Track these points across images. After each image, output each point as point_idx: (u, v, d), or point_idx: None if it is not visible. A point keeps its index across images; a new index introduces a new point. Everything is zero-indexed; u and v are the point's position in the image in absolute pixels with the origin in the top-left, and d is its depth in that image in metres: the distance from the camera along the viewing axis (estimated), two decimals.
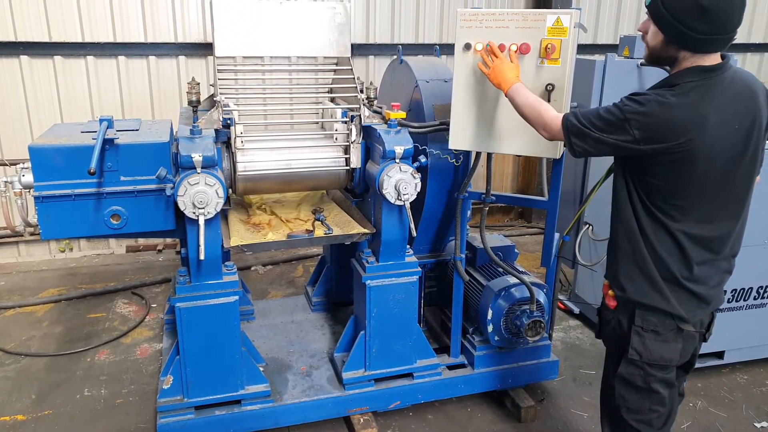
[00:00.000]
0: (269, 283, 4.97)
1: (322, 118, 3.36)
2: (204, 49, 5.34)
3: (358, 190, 3.25)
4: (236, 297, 2.84)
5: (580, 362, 3.92)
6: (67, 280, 5.04)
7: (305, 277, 5.05)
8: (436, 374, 3.28)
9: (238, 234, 3.03)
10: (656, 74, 4.01)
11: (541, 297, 3.15)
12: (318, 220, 3.25)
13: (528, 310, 3.10)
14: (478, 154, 3.01)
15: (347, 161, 3.11)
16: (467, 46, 2.68)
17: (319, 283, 4.07)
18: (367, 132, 3.06)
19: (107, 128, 2.59)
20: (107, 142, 2.57)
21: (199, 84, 3.07)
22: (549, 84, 2.57)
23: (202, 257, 2.58)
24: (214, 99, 3.08)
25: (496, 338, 3.24)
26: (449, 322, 3.65)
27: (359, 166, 3.10)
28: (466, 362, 3.41)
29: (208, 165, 2.60)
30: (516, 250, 3.51)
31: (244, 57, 3.17)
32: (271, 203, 3.53)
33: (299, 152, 3.07)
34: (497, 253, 3.29)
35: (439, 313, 3.80)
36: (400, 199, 2.83)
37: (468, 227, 3.41)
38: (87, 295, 4.74)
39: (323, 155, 3.11)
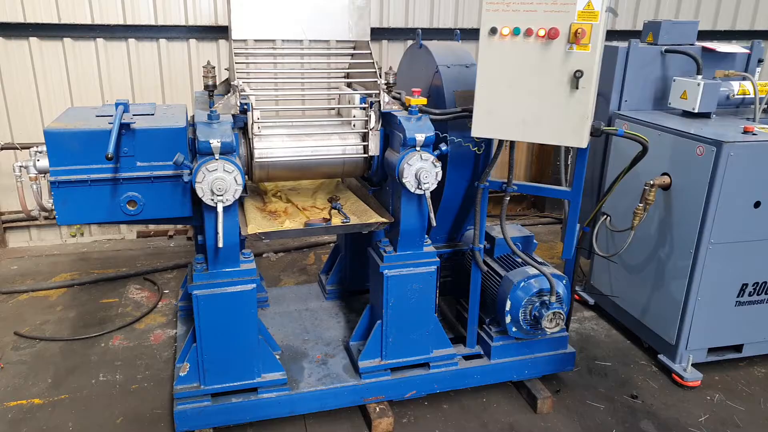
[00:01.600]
0: (281, 270, 4.95)
1: (339, 104, 3.29)
2: (215, 32, 5.25)
3: (375, 178, 3.20)
4: (254, 285, 2.81)
5: (596, 353, 3.88)
6: (79, 265, 5.03)
7: (317, 264, 5.02)
8: (452, 364, 3.26)
9: (255, 221, 2.99)
10: (681, 61, 3.92)
11: (561, 288, 3.10)
12: (335, 208, 3.21)
13: (548, 302, 3.06)
14: (500, 142, 2.94)
15: (365, 149, 3.05)
16: (493, 31, 2.60)
17: (333, 271, 4.04)
18: (387, 119, 3.00)
19: (123, 112, 2.54)
20: (124, 127, 2.52)
21: (214, 68, 3.02)
22: (578, 70, 2.50)
23: (220, 245, 2.54)
24: (230, 83, 3.02)
25: (514, 329, 3.20)
26: (465, 312, 3.63)
27: (377, 153, 3.05)
28: (482, 353, 3.38)
29: (227, 151, 2.56)
30: (535, 241, 3.46)
31: (261, 41, 3.09)
32: (287, 190, 3.49)
33: (317, 139, 3.01)
34: (516, 244, 3.24)
35: (454, 302, 3.76)
36: (420, 188, 2.78)
37: None
38: (99, 281, 4.74)
39: (341, 142, 3.05)
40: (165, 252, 5.34)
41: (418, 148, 2.80)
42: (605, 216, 4.04)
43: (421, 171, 2.74)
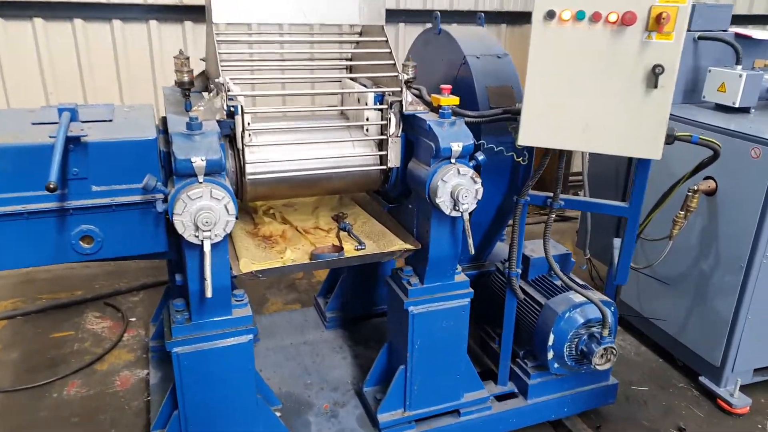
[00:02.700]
0: (267, 288, 4.33)
1: (349, 103, 2.70)
2: (179, 12, 4.51)
3: (393, 193, 2.64)
4: (250, 336, 2.23)
5: (630, 376, 3.47)
6: (23, 289, 4.26)
7: (307, 280, 4.43)
8: (486, 408, 2.77)
9: (248, 252, 2.40)
10: (715, 49, 3.51)
11: (610, 318, 2.65)
12: (344, 230, 2.64)
13: (598, 335, 2.60)
14: (547, 150, 2.43)
15: (383, 159, 2.49)
16: (550, 14, 2.07)
17: (333, 295, 3.47)
18: (410, 122, 2.43)
19: (70, 121, 1.90)
20: (71, 141, 1.88)
21: (189, 59, 2.39)
22: (657, 65, 2.00)
23: (209, 294, 1.95)
24: (210, 79, 2.39)
25: (556, 365, 2.73)
26: (491, 341, 3.15)
27: (398, 165, 2.49)
28: (516, 390, 2.91)
29: (214, 171, 1.95)
30: (572, 259, 2.98)
31: (249, 25, 2.46)
32: (281, 207, 2.89)
33: (323, 148, 2.43)
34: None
35: (477, 328, 3.27)
36: (457, 210, 2.24)
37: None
38: (49, 308, 4.01)
39: (353, 152, 2.47)
40: (129, 269, 4.62)
41: (453, 160, 2.26)
42: None
43: (458, 189, 2.20)
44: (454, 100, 2.36)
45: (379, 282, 3.51)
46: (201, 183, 1.91)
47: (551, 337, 2.66)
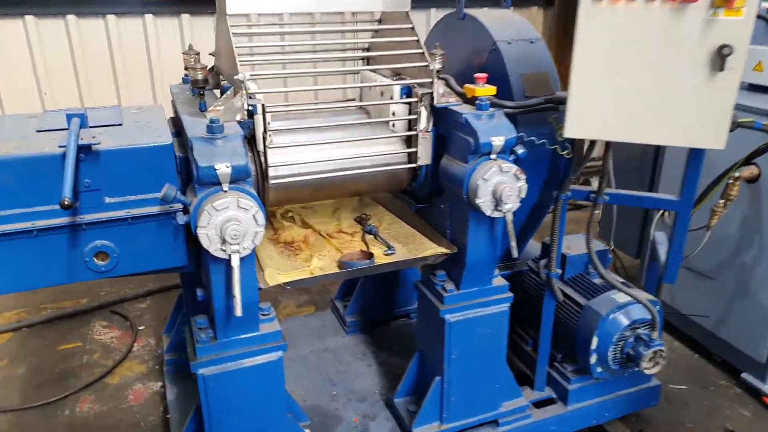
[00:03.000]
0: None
1: (362, 98, 2.52)
2: (175, 5, 4.29)
3: (421, 192, 2.47)
4: (280, 353, 2.06)
5: (667, 374, 3.31)
6: (26, 299, 4.07)
7: None
8: (525, 417, 2.62)
9: (272, 261, 2.23)
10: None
11: (659, 317, 2.50)
12: (369, 233, 2.48)
13: (647, 337, 2.45)
14: (593, 142, 2.26)
15: (411, 157, 2.31)
16: None
17: (353, 298, 3.31)
18: (441, 116, 2.25)
19: (79, 128, 1.71)
20: (82, 150, 1.70)
21: (198, 54, 2.20)
22: (724, 45, 1.82)
23: (239, 313, 1.77)
24: (234, 77, 2.20)
25: (600, 369, 2.58)
26: (523, 344, 3.00)
27: (429, 162, 2.31)
28: (554, 396, 2.76)
29: (240, 178, 1.77)
30: (609, 255, 2.83)
31: (261, 15, 2.27)
32: (300, 209, 2.71)
33: (348, 148, 2.24)
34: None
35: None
36: (500, 210, 2.07)
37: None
38: (54, 319, 3.83)
39: (380, 149, 2.29)
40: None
41: (493, 156, 2.08)
42: (661, 212, 3.45)
43: (501, 187, 2.03)
44: (491, 90, 2.18)
45: (400, 284, 3.35)
46: (226, 192, 1.73)
47: (594, 340, 2.50)
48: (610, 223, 3.19)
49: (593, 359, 2.55)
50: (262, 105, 1.96)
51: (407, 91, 2.31)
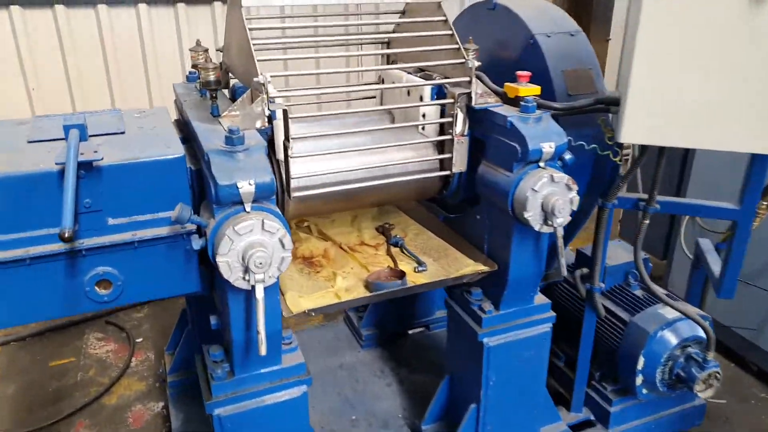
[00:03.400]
0: None
1: (383, 100, 2.29)
2: None
3: (452, 200, 2.24)
4: (304, 387, 1.84)
5: None
6: None
7: None
8: None
9: (292, 281, 2.00)
10: None
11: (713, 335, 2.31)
12: (395, 245, 2.25)
13: (699, 357, 2.26)
14: (644, 147, 2.04)
15: (444, 163, 2.08)
16: None
17: (368, 309, 3.09)
18: (478, 118, 2.02)
19: (79, 140, 1.47)
20: (82, 167, 1.45)
21: (207, 51, 1.96)
22: None
23: (263, 351, 1.55)
24: (254, 79, 1.95)
25: (645, 391, 2.39)
26: (555, 359, 2.80)
27: (464, 169, 2.09)
28: (593, 418, 2.57)
29: (264, 196, 1.54)
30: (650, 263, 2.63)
31: (266, 7, 2.03)
32: (316, 218, 2.47)
33: (375, 154, 2.01)
34: (631, 272, 2.43)
35: None
36: (550, 224, 1.86)
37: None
38: (45, 331, 3.58)
39: (408, 156, 2.06)
40: None
41: (542, 164, 1.87)
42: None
43: (553, 199, 1.81)
44: (536, 89, 1.95)
45: (418, 294, 3.13)
46: (249, 213, 1.50)
47: (641, 360, 2.31)
48: (633, 223, 2.99)
49: (639, 380, 2.36)
50: (284, 110, 1.71)
51: (438, 91, 2.08)
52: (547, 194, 1.83)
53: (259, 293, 1.51)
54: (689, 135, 1.82)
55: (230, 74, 2.15)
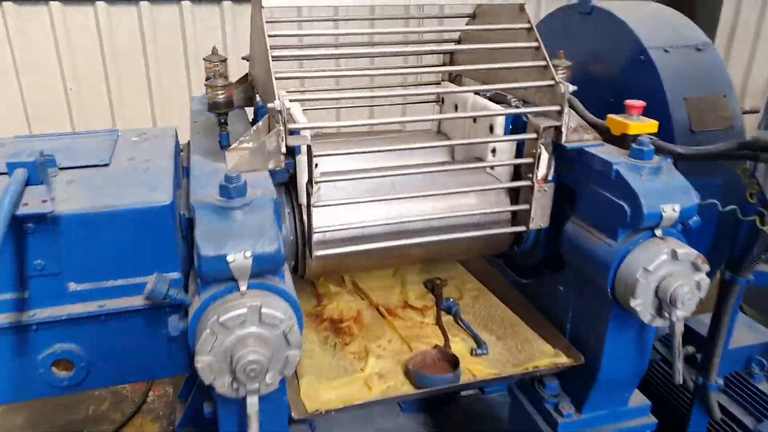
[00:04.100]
0: None
1: (439, 128, 1.81)
2: None
3: (526, 261, 1.74)
4: None
5: None
6: None
7: None
8: None
9: (312, 360, 1.56)
10: None
11: None
12: (447, 311, 1.78)
13: None
14: None
15: (519, 216, 1.59)
16: None
17: None
18: (570, 160, 1.52)
19: (23, 184, 1.09)
20: (29, 220, 1.07)
21: (225, 61, 1.55)
22: None
23: None
24: (268, 105, 1.53)
25: None
26: None
27: (546, 224, 1.58)
28: None
29: (267, 270, 1.10)
30: None
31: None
32: None
33: (425, 202, 1.54)
34: (756, 359, 1.84)
35: None
36: (665, 316, 1.33)
37: None
38: None
39: (470, 204, 1.58)
40: None
41: (659, 232, 1.34)
42: None
43: (674, 285, 1.28)
44: (652, 125, 1.43)
45: None
46: (243, 294, 1.06)
47: None
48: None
49: None
50: (309, 146, 1.28)
51: (515, 121, 1.59)
52: (666, 276, 1.30)
53: (252, 407, 1.07)
54: None
55: (254, 89, 1.75)
